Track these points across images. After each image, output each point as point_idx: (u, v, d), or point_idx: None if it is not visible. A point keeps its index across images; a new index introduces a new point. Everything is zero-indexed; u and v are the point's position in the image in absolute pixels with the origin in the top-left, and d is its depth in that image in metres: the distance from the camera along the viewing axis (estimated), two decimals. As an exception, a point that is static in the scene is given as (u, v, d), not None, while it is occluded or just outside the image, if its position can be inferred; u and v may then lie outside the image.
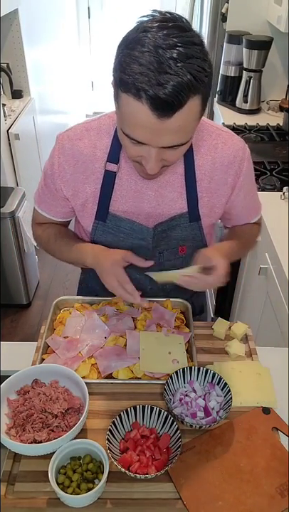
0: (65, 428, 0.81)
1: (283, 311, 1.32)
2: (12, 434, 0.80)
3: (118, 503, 0.74)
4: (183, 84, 0.68)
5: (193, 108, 0.73)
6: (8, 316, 2.49)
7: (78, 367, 0.94)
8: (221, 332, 1.04)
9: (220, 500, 0.75)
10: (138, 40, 0.70)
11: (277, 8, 2.15)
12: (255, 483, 0.77)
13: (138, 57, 0.69)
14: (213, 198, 1.00)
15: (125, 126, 0.77)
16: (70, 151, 0.95)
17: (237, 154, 0.96)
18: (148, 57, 0.68)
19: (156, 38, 0.68)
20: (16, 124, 2.48)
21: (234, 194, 1.01)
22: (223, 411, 0.84)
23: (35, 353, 0.99)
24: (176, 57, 0.68)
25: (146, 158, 0.80)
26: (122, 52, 0.72)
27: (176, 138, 0.76)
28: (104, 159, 0.95)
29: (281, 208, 1.61)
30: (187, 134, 0.77)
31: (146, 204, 0.98)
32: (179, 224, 1.00)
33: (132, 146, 0.79)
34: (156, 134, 0.74)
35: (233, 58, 2.44)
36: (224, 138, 0.97)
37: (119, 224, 1.00)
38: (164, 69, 0.67)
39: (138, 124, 0.73)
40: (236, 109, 2.48)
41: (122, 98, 0.73)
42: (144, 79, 0.68)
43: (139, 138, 0.76)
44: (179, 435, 0.78)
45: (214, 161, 0.96)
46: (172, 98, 0.69)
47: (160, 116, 0.70)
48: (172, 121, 0.71)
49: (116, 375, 0.93)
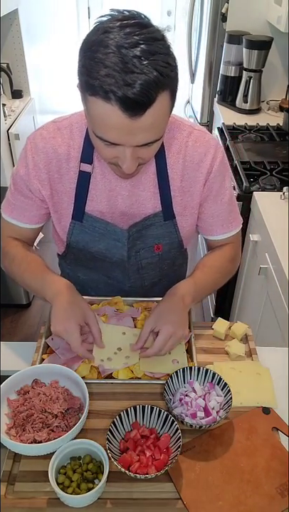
0: (65, 428, 0.81)
1: (283, 311, 1.32)
2: (12, 434, 0.80)
3: (118, 503, 0.74)
4: (150, 81, 0.68)
5: (163, 104, 0.73)
6: (8, 316, 2.49)
7: (78, 367, 0.94)
8: (221, 332, 1.04)
9: (220, 500, 0.75)
10: (100, 41, 0.69)
11: (277, 8, 2.15)
12: (255, 483, 0.77)
13: (102, 59, 0.68)
14: (186, 197, 0.99)
15: (97, 129, 0.76)
16: (43, 149, 0.94)
17: (208, 152, 0.95)
18: (112, 58, 0.67)
19: (118, 38, 0.68)
20: (16, 124, 2.48)
21: (204, 194, 0.99)
22: (223, 411, 0.84)
23: (35, 353, 0.99)
24: (140, 55, 0.67)
25: (122, 159, 0.79)
26: (85, 55, 0.72)
27: (150, 135, 0.76)
28: (78, 159, 0.94)
29: (281, 207, 1.61)
30: (160, 130, 0.77)
31: (121, 203, 0.98)
32: (153, 223, 1.00)
33: (106, 148, 0.79)
34: (129, 134, 0.74)
35: (233, 58, 2.44)
36: (195, 136, 0.95)
37: (94, 224, 0.99)
38: (130, 68, 0.67)
39: (110, 125, 0.73)
40: (236, 109, 2.48)
41: (91, 101, 0.73)
42: (111, 80, 0.68)
43: (112, 139, 0.75)
44: (179, 435, 0.78)
45: (185, 159, 0.95)
46: (141, 97, 0.68)
47: (131, 115, 0.70)
48: (144, 120, 0.71)
49: (116, 375, 0.93)
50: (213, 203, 1.01)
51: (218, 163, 0.97)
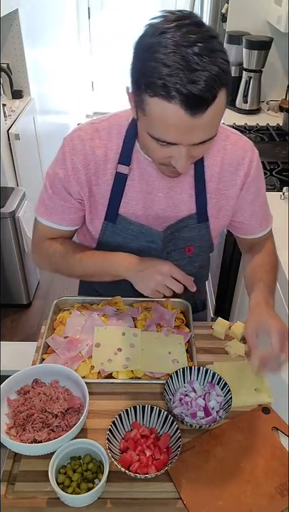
0: (65, 428, 0.81)
1: (283, 311, 1.32)
2: (12, 434, 0.80)
3: (118, 503, 0.75)
4: (213, 77, 0.69)
5: (222, 100, 0.73)
6: (9, 316, 2.49)
7: (78, 367, 0.94)
8: (221, 332, 1.04)
9: (220, 499, 0.75)
10: (158, 42, 0.69)
11: (277, 9, 2.15)
12: (255, 483, 0.77)
13: (163, 59, 0.68)
14: (222, 200, 0.99)
15: (155, 130, 0.76)
16: (82, 151, 0.93)
17: (246, 155, 0.96)
18: (173, 57, 0.68)
19: (176, 38, 0.68)
20: (16, 124, 2.48)
21: (241, 196, 1.00)
22: (223, 411, 0.84)
23: (36, 352, 0.99)
24: (200, 53, 0.68)
25: (177, 158, 0.79)
26: (143, 57, 0.71)
27: (207, 133, 0.76)
28: (115, 160, 0.93)
29: (281, 208, 1.61)
30: (216, 127, 0.78)
31: (157, 206, 0.98)
32: (187, 225, 1.00)
33: (161, 148, 0.79)
34: (189, 132, 0.74)
35: (233, 58, 2.44)
36: (233, 139, 0.96)
37: (128, 226, 0.99)
38: (192, 66, 0.67)
39: (170, 125, 0.73)
40: (236, 109, 2.49)
41: (150, 103, 0.73)
42: (176, 79, 0.68)
43: (171, 139, 0.75)
44: (179, 435, 0.78)
45: (223, 162, 0.96)
46: (206, 93, 0.69)
47: (193, 113, 0.70)
48: (204, 117, 0.72)
49: (116, 375, 0.93)
50: (251, 204, 1.02)
51: (255, 167, 0.98)
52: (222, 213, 1.02)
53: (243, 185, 0.98)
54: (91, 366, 0.94)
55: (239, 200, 1.00)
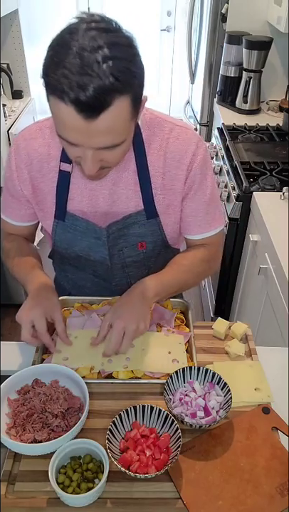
0: (66, 428, 0.81)
1: (283, 311, 1.32)
2: (12, 434, 0.80)
3: (118, 503, 0.75)
4: (104, 86, 0.68)
5: (121, 109, 0.72)
6: (8, 316, 2.49)
7: (78, 367, 0.94)
8: (220, 332, 1.04)
9: (220, 499, 0.75)
10: (64, 42, 0.69)
11: (277, 9, 2.15)
12: (255, 483, 0.77)
13: (62, 59, 0.68)
14: (169, 195, 0.98)
15: (58, 128, 0.77)
16: (24, 150, 0.96)
17: (189, 149, 0.93)
18: (72, 59, 0.68)
19: (82, 41, 0.68)
20: (16, 124, 2.48)
21: (184, 191, 0.97)
22: (223, 410, 0.84)
23: (36, 352, 0.99)
24: (100, 60, 0.67)
25: (84, 159, 0.80)
26: (48, 53, 0.72)
27: (108, 139, 0.75)
28: (58, 158, 0.95)
29: (281, 208, 1.62)
30: (119, 134, 0.77)
31: (102, 202, 0.98)
32: (136, 221, 0.99)
33: (70, 147, 0.79)
34: (86, 136, 0.74)
35: (233, 59, 2.44)
36: (177, 132, 0.94)
37: (75, 223, 1.00)
38: (86, 71, 0.67)
39: (67, 125, 0.74)
40: (236, 109, 2.48)
41: (51, 100, 0.74)
42: (66, 81, 0.68)
43: (70, 139, 0.76)
44: (179, 435, 0.78)
45: (166, 157, 0.94)
46: (93, 100, 0.68)
47: (86, 117, 0.70)
48: (99, 123, 0.71)
49: (116, 375, 0.93)
50: (191, 201, 0.99)
51: (199, 161, 0.95)
52: (171, 209, 1.00)
53: (186, 180, 0.96)
54: (91, 366, 0.94)
55: (182, 195, 0.98)
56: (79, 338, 0.99)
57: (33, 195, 1.00)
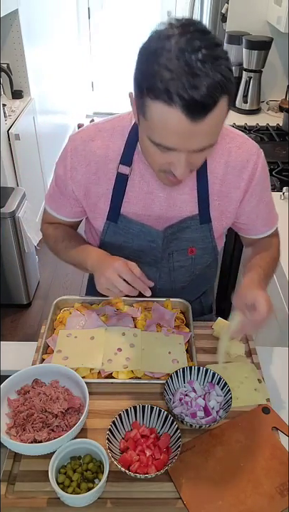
0: (66, 428, 0.81)
1: (283, 311, 1.32)
2: (12, 434, 0.80)
3: (118, 503, 0.75)
4: (215, 84, 0.69)
5: (223, 108, 0.74)
6: (9, 316, 2.49)
7: (78, 367, 0.94)
8: (221, 332, 1.04)
9: (220, 499, 0.75)
10: (162, 47, 0.70)
11: (277, 9, 2.15)
12: (255, 483, 0.77)
13: (166, 63, 0.68)
14: (225, 202, 0.99)
15: (155, 135, 0.76)
16: (82, 151, 0.95)
17: (250, 159, 0.96)
18: (176, 62, 0.68)
19: (180, 43, 0.69)
20: (16, 124, 2.48)
21: (246, 199, 1.00)
22: (223, 411, 0.84)
23: (36, 352, 0.99)
24: (204, 59, 0.68)
25: (176, 164, 0.79)
26: (147, 61, 0.72)
27: (207, 140, 0.76)
28: (117, 161, 0.95)
29: (281, 208, 1.61)
30: (216, 134, 0.78)
31: (158, 206, 0.98)
32: (189, 226, 1.00)
33: (160, 154, 0.79)
34: (188, 138, 0.74)
35: (233, 58, 2.44)
36: (238, 142, 0.96)
37: (129, 226, 1.00)
38: (195, 72, 0.68)
39: (170, 130, 0.73)
40: (236, 109, 2.49)
41: (151, 107, 0.73)
42: (178, 83, 0.68)
43: (170, 144, 0.76)
44: (179, 435, 0.78)
45: (227, 165, 0.96)
46: (207, 99, 0.69)
47: (194, 119, 0.71)
48: (204, 123, 0.72)
49: (116, 375, 0.93)
50: (256, 207, 1.02)
51: (260, 170, 0.97)
52: (225, 215, 1.02)
53: (247, 189, 0.98)
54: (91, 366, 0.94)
55: (244, 203, 1.00)
56: (79, 338, 0.99)
57: (84, 197, 1.00)
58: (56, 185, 1.03)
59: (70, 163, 0.96)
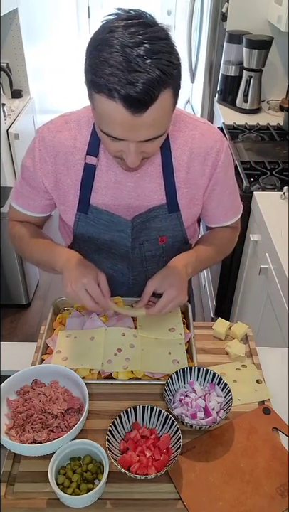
0: (65, 428, 0.81)
1: (283, 311, 1.32)
2: (12, 435, 0.80)
3: (118, 504, 0.74)
4: (152, 80, 0.70)
5: (165, 101, 0.75)
6: (8, 316, 2.49)
7: (78, 367, 0.93)
8: (221, 332, 1.04)
9: (220, 500, 0.75)
10: (105, 40, 0.72)
11: (278, 8, 2.15)
12: (255, 484, 0.77)
13: (107, 58, 0.71)
14: (192, 189, 1.00)
15: (102, 125, 0.79)
16: (50, 142, 0.97)
17: (214, 145, 0.97)
18: (116, 57, 0.70)
19: (123, 38, 0.70)
20: (15, 123, 2.48)
21: (210, 186, 1.01)
22: (223, 411, 0.84)
23: (35, 353, 0.98)
24: (144, 55, 0.70)
25: (126, 153, 0.82)
26: (91, 54, 0.74)
27: (152, 131, 0.78)
28: (84, 152, 0.96)
29: (281, 208, 1.61)
30: (162, 126, 0.80)
31: (126, 195, 0.99)
32: (157, 215, 1.01)
33: (111, 142, 0.81)
34: (133, 130, 0.76)
35: (233, 58, 2.44)
36: (202, 129, 0.97)
37: (99, 216, 1.01)
38: (133, 67, 0.69)
39: (114, 121, 0.76)
40: (236, 108, 2.48)
41: (96, 99, 0.76)
42: (115, 79, 0.70)
43: (116, 135, 0.78)
44: (179, 436, 0.78)
45: (191, 152, 0.96)
46: (144, 95, 0.71)
47: (134, 112, 0.73)
48: (146, 116, 0.74)
49: (116, 375, 0.93)
50: (218, 194, 1.03)
51: (224, 157, 0.98)
52: (193, 203, 1.03)
53: (211, 176, 0.99)
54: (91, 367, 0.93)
55: (208, 190, 1.02)
56: (79, 338, 0.99)
57: (54, 188, 1.01)
58: (23, 178, 1.03)
59: (39, 154, 0.98)
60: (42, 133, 0.98)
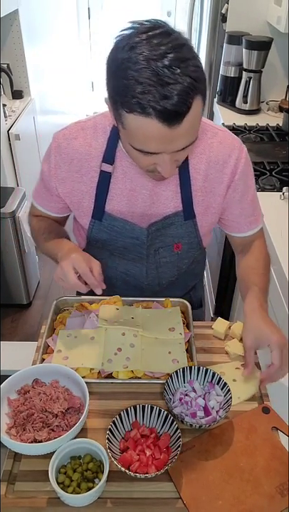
0: (66, 427, 0.81)
1: (283, 311, 1.32)
2: (12, 434, 0.80)
3: (118, 503, 0.75)
4: (185, 89, 0.70)
5: (197, 108, 0.75)
6: (9, 316, 2.49)
7: (78, 367, 0.94)
8: (220, 332, 1.04)
9: (220, 499, 0.75)
10: (129, 58, 0.70)
11: (277, 9, 2.15)
12: (255, 483, 0.77)
13: (135, 76, 0.69)
14: (209, 197, 1.00)
15: (135, 142, 0.78)
16: (65, 149, 0.97)
17: (232, 153, 0.96)
18: (145, 73, 0.68)
19: (146, 52, 0.69)
20: (16, 124, 2.48)
21: (229, 194, 1.00)
22: (223, 410, 0.84)
23: (36, 352, 0.99)
24: (171, 65, 0.68)
25: (162, 165, 0.81)
26: (116, 74, 0.73)
27: (187, 139, 0.78)
28: (99, 158, 0.96)
29: (281, 208, 1.62)
30: (195, 132, 0.79)
31: (141, 202, 0.99)
32: (173, 222, 1.01)
33: (144, 157, 0.80)
34: (168, 142, 0.76)
35: (233, 59, 2.44)
36: (220, 137, 0.97)
37: (113, 223, 1.01)
38: (164, 80, 0.68)
39: (150, 137, 0.74)
40: (236, 109, 2.49)
41: (128, 118, 0.74)
42: (149, 96, 0.69)
43: (152, 150, 0.77)
44: (179, 435, 0.78)
45: (209, 160, 0.96)
46: (180, 106, 0.70)
47: (171, 125, 0.72)
48: (182, 126, 0.73)
49: (116, 374, 0.93)
50: (239, 202, 1.02)
51: (243, 164, 0.98)
52: (210, 211, 1.02)
53: (230, 184, 0.98)
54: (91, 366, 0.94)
55: (227, 198, 1.01)
56: (79, 338, 0.99)
57: (68, 195, 1.01)
58: (42, 180, 1.05)
59: (54, 160, 0.98)
60: (58, 139, 0.98)
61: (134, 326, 1.02)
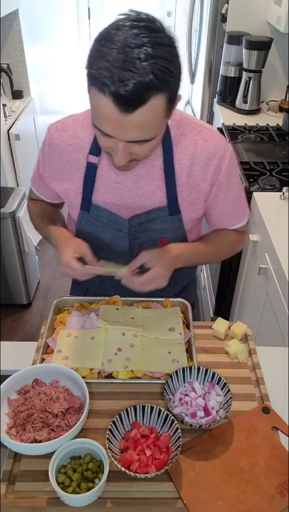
0: (66, 427, 0.81)
1: (283, 311, 1.32)
2: (12, 434, 0.80)
3: (118, 503, 0.75)
4: (144, 83, 0.71)
5: (156, 106, 0.76)
6: (9, 316, 2.49)
7: (78, 367, 0.94)
8: (220, 332, 1.04)
9: (220, 499, 0.75)
10: (109, 36, 0.73)
11: (277, 9, 2.15)
12: (254, 483, 0.77)
13: (106, 53, 0.72)
14: (193, 194, 1.01)
15: (95, 119, 0.81)
16: (56, 140, 1.00)
17: (217, 152, 0.97)
18: (115, 54, 0.71)
19: (126, 37, 0.71)
20: (16, 124, 2.48)
21: (213, 192, 1.01)
22: (223, 410, 0.84)
23: (36, 352, 0.99)
24: (142, 57, 0.70)
25: (114, 150, 0.83)
26: (94, 46, 0.76)
27: (140, 133, 0.79)
28: (87, 150, 0.98)
29: (281, 208, 1.62)
30: (151, 130, 0.80)
31: (127, 195, 1.00)
32: (158, 217, 1.02)
33: (102, 137, 0.83)
34: (120, 128, 0.77)
35: (232, 59, 2.44)
36: (206, 134, 0.97)
37: (99, 214, 1.03)
38: (128, 67, 0.70)
39: (104, 116, 0.77)
40: (236, 109, 2.48)
41: (91, 91, 0.78)
42: (108, 74, 0.71)
43: (105, 130, 0.80)
44: (179, 435, 0.79)
45: (194, 157, 0.97)
46: (132, 95, 0.72)
47: (122, 110, 0.74)
48: (134, 117, 0.75)
49: (116, 374, 0.93)
50: (222, 200, 1.03)
51: (227, 163, 0.98)
52: (194, 207, 1.03)
53: (214, 182, 0.99)
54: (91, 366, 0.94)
55: (211, 195, 1.02)
56: (79, 338, 0.99)
57: (58, 185, 1.05)
58: (37, 167, 1.09)
59: (47, 151, 1.02)
60: (50, 131, 1.02)
61: (134, 326, 1.02)
